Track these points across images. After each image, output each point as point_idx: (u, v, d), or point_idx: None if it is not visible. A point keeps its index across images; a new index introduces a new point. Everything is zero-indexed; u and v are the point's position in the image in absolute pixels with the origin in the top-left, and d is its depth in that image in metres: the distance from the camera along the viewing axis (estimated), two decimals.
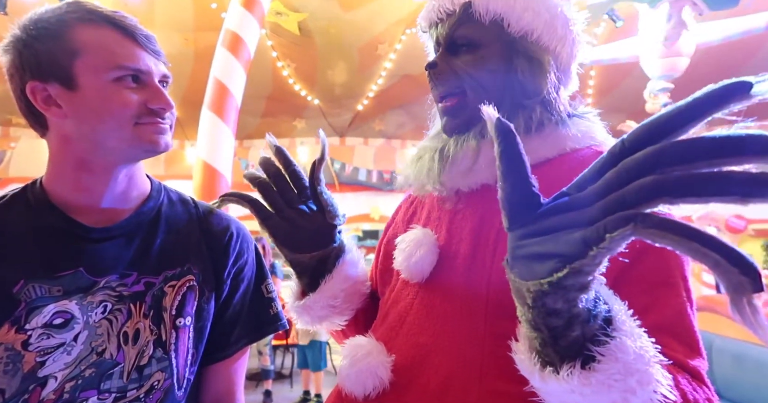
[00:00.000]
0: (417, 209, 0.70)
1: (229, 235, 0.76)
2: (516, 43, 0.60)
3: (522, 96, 0.60)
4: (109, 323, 0.63)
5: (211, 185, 3.39)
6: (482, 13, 0.59)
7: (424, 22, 0.67)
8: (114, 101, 0.60)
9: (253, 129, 10.37)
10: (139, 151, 0.64)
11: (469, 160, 0.59)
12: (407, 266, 0.59)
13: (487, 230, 0.57)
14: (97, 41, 0.60)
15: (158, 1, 7.21)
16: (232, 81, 3.63)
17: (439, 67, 0.62)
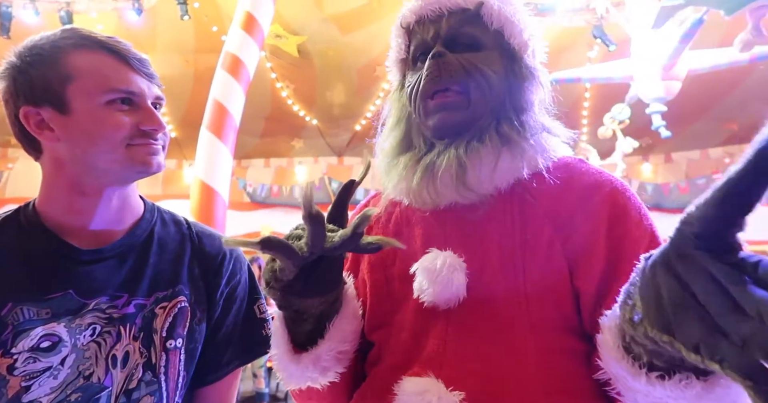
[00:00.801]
0: (401, 226, 0.64)
1: (222, 255, 0.75)
2: (514, 54, 0.62)
3: (515, 105, 0.60)
4: (97, 346, 0.62)
5: (208, 205, 3.38)
6: (493, 17, 0.60)
7: (414, 17, 0.63)
8: (106, 124, 0.61)
9: (251, 149, 10.43)
10: (132, 173, 0.65)
11: (492, 164, 0.56)
12: (445, 294, 0.53)
13: (509, 243, 0.55)
14: (89, 66, 0.62)
15: (160, 24, 7.37)
16: (231, 102, 3.67)
17: (448, 57, 0.59)
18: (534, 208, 0.57)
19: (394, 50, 0.68)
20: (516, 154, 0.57)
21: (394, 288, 0.60)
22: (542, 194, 0.57)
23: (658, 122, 4.58)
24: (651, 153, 10.19)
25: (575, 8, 6.58)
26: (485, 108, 0.59)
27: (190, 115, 5.34)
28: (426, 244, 0.59)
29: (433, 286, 0.54)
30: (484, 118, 0.59)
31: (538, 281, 0.54)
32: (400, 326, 0.59)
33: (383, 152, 0.66)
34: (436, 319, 0.56)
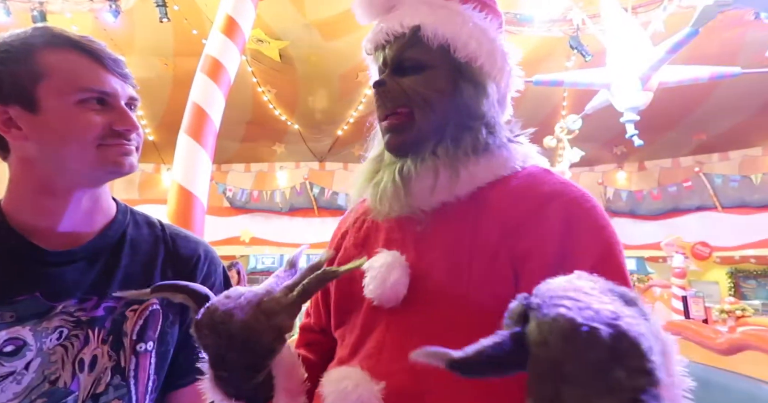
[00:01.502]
0: (370, 232, 0.66)
1: (196, 258, 0.74)
2: (462, 67, 0.62)
3: (468, 118, 0.62)
4: (64, 350, 0.60)
5: (186, 210, 3.32)
6: (431, 37, 0.61)
7: (370, 45, 0.67)
8: (77, 123, 0.60)
9: (232, 153, 10.30)
10: (103, 173, 0.63)
11: (431, 180, 0.59)
12: (382, 291, 0.56)
13: (459, 247, 0.57)
14: (61, 64, 0.61)
15: (138, 26, 7.24)
16: (211, 106, 3.63)
17: (388, 85, 0.62)
18: (488, 215, 0.58)
19: (372, 74, 0.71)
20: (452, 174, 0.59)
21: (354, 288, 0.62)
22: (498, 202, 0.58)
23: (632, 131, 4.73)
24: (626, 161, 10.49)
25: (553, 19, 6.76)
26: (429, 129, 0.61)
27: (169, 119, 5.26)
28: (386, 248, 0.62)
29: (372, 282, 0.57)
30: (429, 139, 0.61)
31: (482, 285, 0.54)
32: (353, 324, 0.62)
33: (363, 166, 0.69)
34: (381, 317, 0.58)
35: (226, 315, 0.48)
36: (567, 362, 0.25)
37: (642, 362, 0.25)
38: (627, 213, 9.40)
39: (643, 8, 6.23)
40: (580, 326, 0.25)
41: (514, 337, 0.29)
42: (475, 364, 0.29)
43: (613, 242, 0.54)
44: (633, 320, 0.27)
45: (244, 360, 0.49)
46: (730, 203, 8.35)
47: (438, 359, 0.30)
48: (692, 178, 8.70)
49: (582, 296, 0.28)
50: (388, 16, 0.64)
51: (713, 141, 9.37)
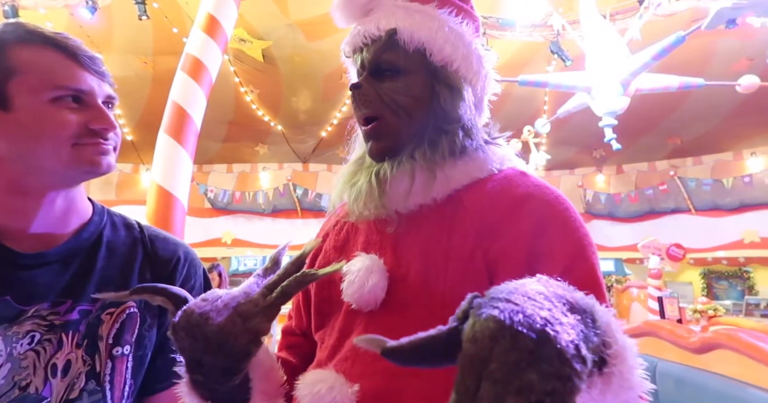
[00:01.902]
0: (349, 235, 0.67)
1: (176, 260, 0.73)
2: (437, 71, 0.63)
3: (444, 122, 0.62)
4: (36, 355, 0.58)
5: (166, 211, 3.26)
6: (407, 41, 0.62)
7: (349, 48, 0.67)
8: (51, 122, 0.58)
9: (213, 154, 10.16)
10: (78, 173, 0.62)
11: (407, 183, 0.59)
12: (360, 295, 0.56)
13: (435, 249, 0.57)
14: (34, 61, 0.59)
15: (117, 24, 7.08)
16: (192, 105, 3.57)
17: (364, 89, 0.63)
18: (464, 217, 0.58)
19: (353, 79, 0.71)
20: (429, 177, 0.59)
21: (333, 292, 0.62)
22: (474, 204, 0.59)
23: (610, 135, 4.84)
24: (604, 165, 10.72)
25: (534, 24, 6.88)
26: (406, 134, 0.62)
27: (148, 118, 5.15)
28: (364, 250, 0.62)
29: (350, 286, 0.57)
30: (407, 143, 0.62)
31: (458, 287, 0.54)
32: (332, 327, 0.62)
33: (345, 169, 0.70)
34: (358, 320, 0.59)
35: (202, 318, 0.47)
36: (491, 360, 0.26)
37: (560, 368, 0.26)
38: (606, 215, 9.61)
39: (621, 15, 6.39)
40: (507, 328, 0.27)
41: (450, 332, 0.30)
42: (408, 353, 0.31)
43: (585, 244, 0.55)
44: (565, 328, 0.28)
45: (219, 363, 0.49)
46: (703, 205, 8.62)
47: (375, 345, 0.31)
48: (668, 181, 8.96)
49: (522, 299, 0.29)
50: (365, 20, 0.65)
51: (687, 146, 9.66)
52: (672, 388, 2.62)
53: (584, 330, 0.30)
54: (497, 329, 0.27)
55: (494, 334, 0.27)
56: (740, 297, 9.24)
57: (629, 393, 0.34)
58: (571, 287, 0.35)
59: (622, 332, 0.35)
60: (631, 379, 0.34)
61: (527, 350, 0.26)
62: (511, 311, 0.28)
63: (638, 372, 0.35)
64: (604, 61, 4.60)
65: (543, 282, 0.34)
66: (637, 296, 6.59)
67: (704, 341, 2.61)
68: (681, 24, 6.52)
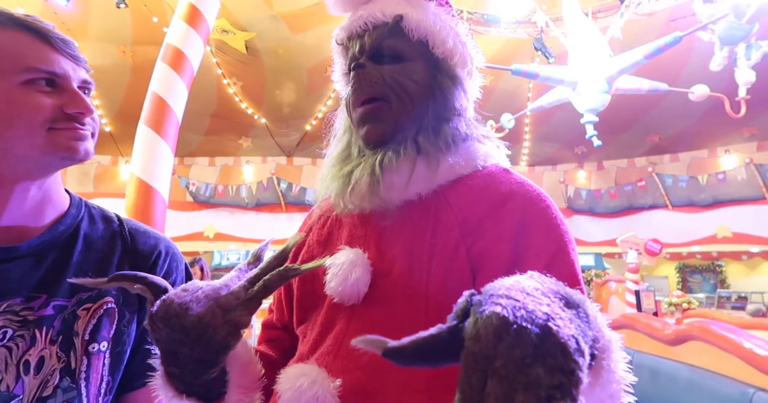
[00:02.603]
0: (333, 228, 0.66)
1: (156, 254, 0.71)
2: (439, 62, 0.64)
3: (445, 110, 0.63)
4: (7, 351, 0.57)
5: (146, 204, 3.19)
6: (413, 29, 0.62)
7: (344, 33, 0.66)
8: (23, 105, 0.56)
9: (195, 147, 9.98)
10: (54, 159, 0.59)
11: (408, 172, 0.59)
12: (343, 289, 0.56)
13: (419, 245, 0.57)
14: (3, 43, 0.56)
15: (94, 11, 6.87)
16: (173, 97, 3.50)
17: (369, 68, 0.62)
18: (448, 213, 0.58)
19: (338, 66, 0.71)
20: (431, 164, 0.59)
21: (316, 285, 0.62)
22: (458, 200, 0.59)
23: (591, 132, 4.93)
24: (585, 161, 10.91)
25: (518, 21, 6.92)
26: (407, 119, 0.62)
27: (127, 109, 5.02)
28: (348, 244, 0.61)
29: (334, 280, 0.57)
30: (407, 129, 0.61)
31: (441, 283, 0.55)
32: (314, 321, 0.62)
33: (328, 161, 0.69)
34: (341, 314, 0.58)
35: (182, 308, 0.46)
36: (496, 357, 0.26)
37: (564, 361, 0.26)
38: (586, 211, 9.79)
39: (602, 14, 6.48)
40: (511, 325, 0.27)
41: (451, 330, 0.30)
42: (410, 353, 0.30)
43: (566, 241, 0.56)
44: (565, 322, 0.28)
45: (196, 355, 0.48)
46: (679, 201, 8.86)
47: (375, 346, 0.31)
48: (646, 178, 9.17)
49: (521, 296, 0.30)
50: (366, 6, 0.65)
51: (665, 143, 9.89)
52: (647, 379, 2.70)
53: (580, 325, 0.31)
54: (501, 326, 0.27)
55: (498, 330, 0.27)
56: (713, 290, 9.56)
57: (615, 386, 0.35)
58: (561, 282, 0.35)
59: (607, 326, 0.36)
60: (617, 372, 0.35)
61: (532, 345, 0.26)
62: (514, 307, 0.28)
63: (622, 365, 0.36)
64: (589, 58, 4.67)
65: (536, 278, 0.34)
66: (615, 289, 6.75)
67: (678, 333, 2.69)
68: (660, 23, 6.64)
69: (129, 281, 0.49)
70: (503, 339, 0.26)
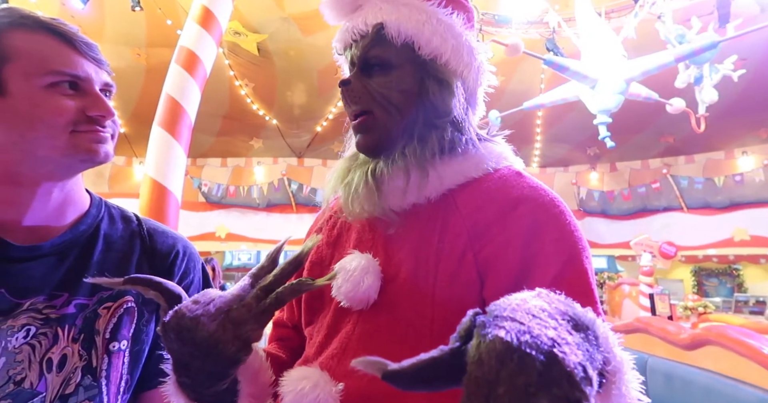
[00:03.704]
0: (342, 231, 0.66)
1: (174, 253, 0.72)
2: (426, 65, 0.62)
3: (433, 116, 0.61)
4: (31, 349, 0.58)
5: (159, 204, 3.23)
6: (394, 35, 0.61)
7: (340, 45, 0.67)
8: (46, 108, 0.57)
9: (207, 148, 10.08)
10: (76, 161, 0.60)
11: (402, 181, 0.59)
12: (354, 295, 0.56)
13: (426, 249, 0.56)
14: (29, 46, 0.58)
15: (109, 14, 6.98)
16: (186, 98, 3.54)
17: (353, 85, 0.62)
18: (456, 217, 0.57)
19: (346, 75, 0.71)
20: (423, 174, 0.59)
21: (324, 289, 0.61)
22: (467, 204, 0.58)
23: (604, 133, 4.87)
24: (598, 162, 10.78)
25: (530, 21, 6.87)
26: (396, 129, 0.61)
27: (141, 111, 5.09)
28: (356, 248, 0.61)
29: (344, 285, 0.56)
30: (397, 139, 0.61)
31: (447, 288, 0.54)
32: (321, 324, 0.62)
33: (338, 165, 0.69)
34: (348, 318, 0.58)
35: (193, 322, 0.46)
36: (498, 383, 0.25)
37: (570, 391, 0.25)
38: (599, 213, 9.67)
39: (616, 14, 6.40)
40: (515, 351, 0.26)
41: (453, 352, 0.29)
42: (410, 377, 0.29)
43: (579, 249, 0.54)
44: (572, 348, 0.27)
45: (207, 368, 0.48)
46: (695, 204, 8.71)
47: (374, 368, 0.30)
48: (660, 179, 9.03)
49: (527, 318, 0.28)
50: (353, 16, 0.64)
51: (680, 144, 9.73)
52: (661, 384, 2.66)
53: (589, 349, 0.30)
54: (504, 351, 0.26)
55: (501, 356, 0.25)
56: (730, 294, 9.36)
57: None
58: (570, 301, 0.34)
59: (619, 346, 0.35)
60: (629, 395, 0.34)
61: (536, 373, 0.25)
62: (518, 332, 0.27)
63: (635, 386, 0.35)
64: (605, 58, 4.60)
65: (544, 297, 0.33)
66: (629, 292, 6.66)
67: (694, 337, 2.63)
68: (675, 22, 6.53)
69: (143, 286, 0.49)
70: (506, 365, 0.25)
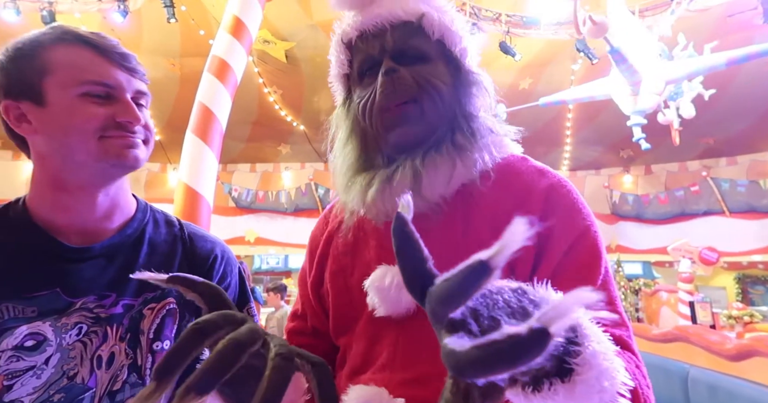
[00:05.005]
0: (358, 238, 0.65)
1: (213, 257, 0.74)
2: (457, 61, 0.63)
3: (469, 110, 0.62)
4: (83, 346, 0.61)
5: (192, 209, 3.33)
6: (434, 28, 0.61)
7: (355, 32, 0.64)
8: (78, 115, 0.60)
9: (237, 153, 10.35)
10: (107, 166, 0.63)
11: (449, 171, 0.58)
12: (396, 309, 0.56)
13: (452, 246, 0.56)
14: (66, 59, 0.62)
15: (146, 26, 7.29)
16: (218, 106, 3.65)
17: (401, 72, 0.60)
18: (475, 211, 0.57)
19: (335, 66, 0.68)
20: (468, 161, 0.59)
21: (354, 296, 0.61)
22: (483, 197, 0.58)
23: (639, 134, 4.71)
24: (632, 165, 10.44)
25: (559, 22, 6.74)
26: (440, 119, 0.61)
27: (175, 119, 5.28)
28: (379, 256, 0.60)
29: (384, 304, 0.56)
30: (440, 130, 0.60)
31: None
32: (360, 333, 0.61)
33: (340, 170, 0.66)
34: (389, 327, 0.58)
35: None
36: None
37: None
38: (633, 217, 9.34)
39: (650, 12, 6.20)
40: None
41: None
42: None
43: (590, 227, 0.56)
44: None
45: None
46: (738, 207, 8.29)
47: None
48: (699, 182, 8.65)
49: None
50: (381, 3, 0.62)
51: (720, 145, 9.31)
52: (705, 395, 2.53)
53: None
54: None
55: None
56: None
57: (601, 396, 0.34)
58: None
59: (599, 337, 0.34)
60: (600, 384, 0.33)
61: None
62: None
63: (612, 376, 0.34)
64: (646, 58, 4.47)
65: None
66: (666, 299, 6.39)
67: (740, 348, 2.50)
68: (716, 19, 6.28)
69: (184, 286, 0.47)
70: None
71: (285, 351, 0.38)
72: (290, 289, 7.58)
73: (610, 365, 0.34)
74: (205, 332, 0.37)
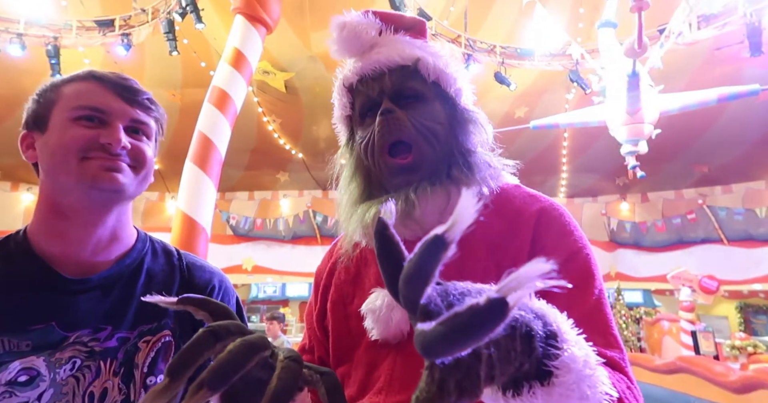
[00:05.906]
0: (360, 268, 0.67)
1: (210, 288, 0.74)
2: (453, 101, 0.67)
3: (465, 146, 0.65)
4: (76, 381, 0.60)
5: (190, 238, 3.31)
6: (430, 71, 0.65)
7: (356, 76, 0.68)
8: (66, 136, 0.62)
9: (235, 181, 10.40)
10: (86, 188, 0.62)
11: (444, 202, 0.60)
12: (387, 332, 0.57)
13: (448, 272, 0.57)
14: (71, 90, 0.65)
15: (149, 59, 7.48)
16: (217, 135, 3.69)
17: (397, 113, 0.63)
18: (471, 236, 0.58)
19: (338, 108, 0.73)
20: (448, 196, 0.61)
21: (352, 325, 0.63)
22: (478, 223, 0.58)
23: (633, 162, 4.76)
24: (628, 192, 10.50)
25: (553, 54, 6.95)
26: (436, 158, 0.64)
27: (175, 148, 5.33)
28: (377, 282, 0.62)
29: (376, 325, 0.57)
30: (437, 166, 0.63)
31: None
32: (357, 361, 0.62)
33: (345, 205, 0.69)
34: (386, 353, 0.59)
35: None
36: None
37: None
38: (631, 244, 9.32)
39: None
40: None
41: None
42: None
43: (581, 247, 0.58)
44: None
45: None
46: (736, 236, 8.29)
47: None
48: (696, 210, 8.68)
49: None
50: (379, 50, 0.67)
51: (715, 173, 9.41)
52: None
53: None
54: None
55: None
56: None
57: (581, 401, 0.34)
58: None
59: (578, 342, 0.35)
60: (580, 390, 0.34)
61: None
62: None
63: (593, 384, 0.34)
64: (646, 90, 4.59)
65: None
66: (668, 329, 6.28)
67: (745, 379, 2.44)
68: (704, 52, 6.48)
69: (194, 306, 0.47)
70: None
71: (294, 355, 0.39)
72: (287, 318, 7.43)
73: (592, 373, 0.34)
74: (218, 334, 0.38)
